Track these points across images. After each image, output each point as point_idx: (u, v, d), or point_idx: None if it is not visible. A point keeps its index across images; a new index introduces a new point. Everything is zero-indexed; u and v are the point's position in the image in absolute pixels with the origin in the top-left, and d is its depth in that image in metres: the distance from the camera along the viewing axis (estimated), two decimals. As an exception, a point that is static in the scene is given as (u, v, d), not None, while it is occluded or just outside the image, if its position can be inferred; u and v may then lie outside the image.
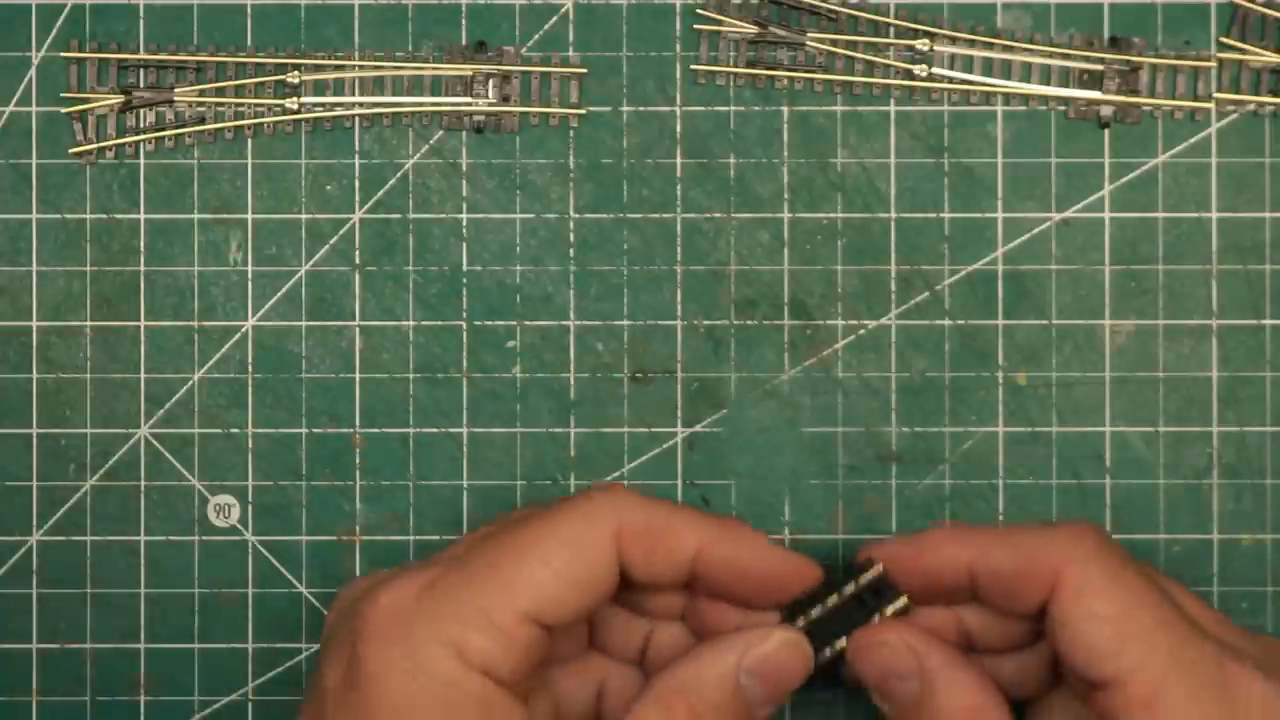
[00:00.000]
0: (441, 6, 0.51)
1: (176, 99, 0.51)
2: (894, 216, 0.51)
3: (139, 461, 0.51)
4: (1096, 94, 0.51)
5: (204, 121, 0.51)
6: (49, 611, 0.51)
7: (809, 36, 0.51)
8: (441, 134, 0.51)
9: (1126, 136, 0.51)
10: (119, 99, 0.51)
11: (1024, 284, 0.50)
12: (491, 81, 0.51)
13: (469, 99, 0.51)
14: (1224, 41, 0.51)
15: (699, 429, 0.51)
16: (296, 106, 0.51)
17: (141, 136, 0.51)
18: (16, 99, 0.51)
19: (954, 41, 0.51)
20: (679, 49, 0.51)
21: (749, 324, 0.51)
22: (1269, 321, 0.51)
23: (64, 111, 0.51)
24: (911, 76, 0.51)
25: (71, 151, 0.51)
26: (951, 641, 0.45)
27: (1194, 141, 0.51)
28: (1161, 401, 0.51)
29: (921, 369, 0.51)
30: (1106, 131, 0.51)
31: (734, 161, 0.51)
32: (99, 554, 0.51)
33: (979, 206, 0.51)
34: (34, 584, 0.51)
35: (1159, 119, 0.51)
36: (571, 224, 0.51)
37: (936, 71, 0.51)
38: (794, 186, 0.51)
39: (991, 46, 0.51)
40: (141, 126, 0.51)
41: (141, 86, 0.51)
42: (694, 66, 0.51)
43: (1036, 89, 0.51)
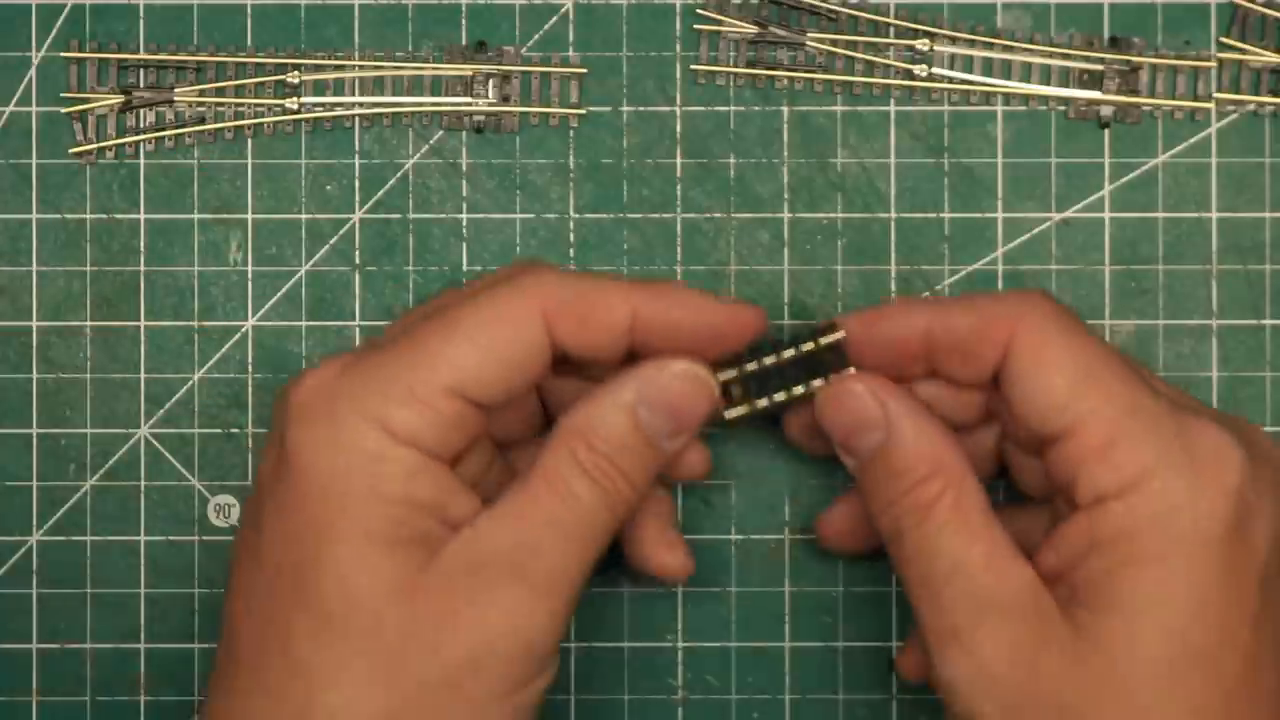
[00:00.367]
0: (441, 6, 0.51)
1: (176, 99, 0.51)
2: (894, 216, 0.51)
3: (139, 461, 0.51)
4: (1096, 94, 0.51)
5: (204, 121, 0.51)
6: (49, 611, 0.51)
7: (809, 36, 0.51)
8: (441, 134, 0.51)
9: (1126, 136, 0.51)
10: (119, 99, 0.51)
11: (1024, 284, 0.50)
12: (491, 81, 0.51)
13: (469, 99, 0.51)
14: (1224, 41, 0.51)
15: (699, 429, 0.51)
16: (296, 106, 0.51)
17: (141, 136, 0.51)
18: (16, 99, 0.51)
19: (954, 41, 0.51)
20: (679, 49, 0.51)
21: (749, 324, 0.50)
22: (1269, 321, 0.51)
23: (64, 111, 0.51)
24: (911, 76, 0.51)
25: (71, 151, 0.51)
26: None
27: (1194, 141, 0.51)
28: (1161, 401, 0.50)
29: (921, 369, 0.51)
30: (1106, 131, 0.51)
31: (734, 161, 0.51)
32: (99, 554, 0.51)
33: (979, 206, 0.51)
34: (34, 584, 0.51)
35: (1159, 119, 0.51)
36: (571, 224, 0.51)
37: (936, 71, 0.51)
38: (794, 186, 0.51)
39: (991, 46, 0.51)
40: (141, 126, 0.51)
41: (141, 86, 0.51)
42: (694, 66, 0.51)
43: (1036, 89, 0.51)
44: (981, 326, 0.43)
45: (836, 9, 0.51)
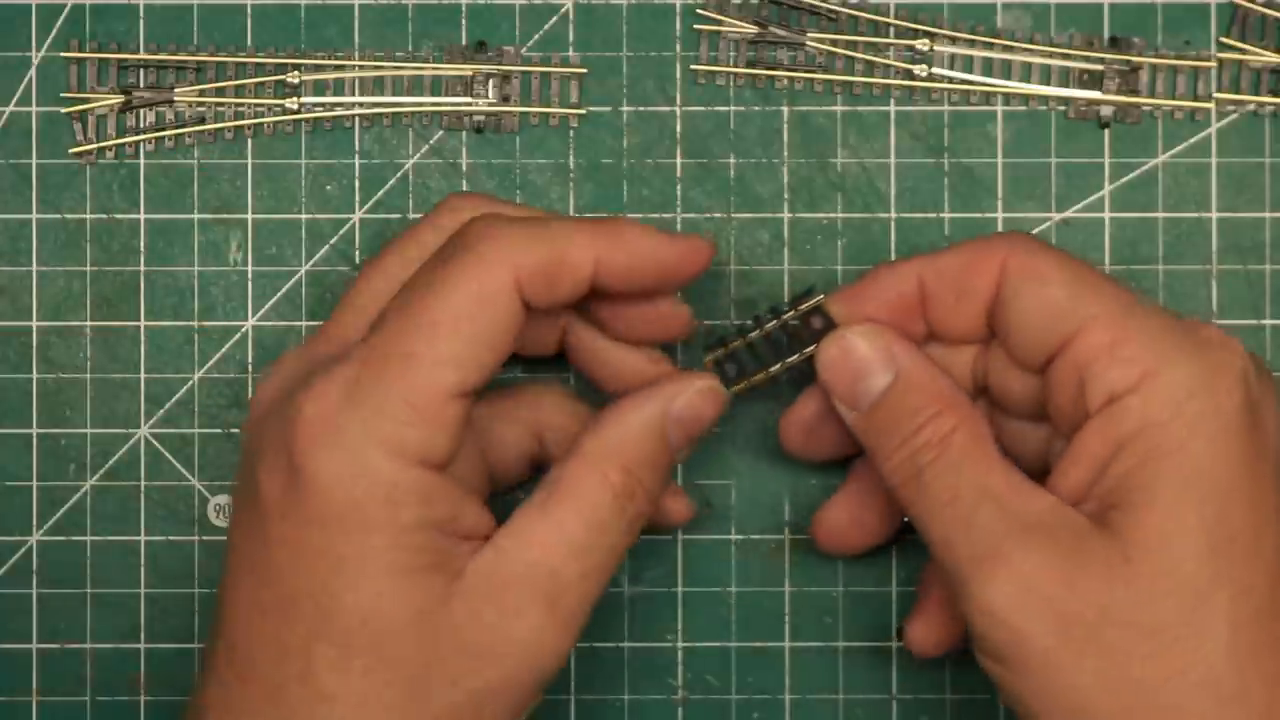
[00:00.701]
0: (441, 6, 0.51)
1: (176, 99, 0.51)
2: (894, 216, 0.51)
3: (139, 461, 0.51)
4: (1096, 94, 0.51)
5: (204, 121, 0.51)
6: (49, 611, 0.51)
7: (809, 36, 0.51)
8: (441, 134, 0.51)
9: (1126, 136, 0.51)
10: (119, 99, 0.51)
11: (1024, 284, 0.50)
12: (491, 81, 0.51)
13: (469, 99, 0.51)
14: (1224, 41, 0.51)
15: (699, 429, 0.51)
16: (296, 106, 0.51)
17: (141, 136, 0.51)
18: (16, 99, 0.51)
19: (954, 41, 0.51)
20: (679, 49, 0.51)
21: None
22: (1269, 321, 0.51)
23: (64, 111, 0.51)
24: (911, 76, 0.51)
25: (71, 151, 0.51)
26: None
27: (1194, 141, 0.51)
28: (1161, 401, 0.50)
29: (921, 369, 0.51)
30: (1106, 131, 0.51)
31: (734, 161, 0.51)
32: (99, 554, 0.51)
33: (979, 206, 0.51)
34: (34, 584, 0.51)
35: (1159, 119, 0.51)
36: (571, 224, 0.51)
37: (936, 71, 0.51)
38: (794, 186, 0.51)
39: (991, 46, 0.51)
40: (141, 126, 0.51)
41: (141, 86, 0.51)
42: (694, 66, 0.51)
43: (1036, 89, 0.51)
44: (973, 261, 0.44)
45: (836, 9, 0.51)
